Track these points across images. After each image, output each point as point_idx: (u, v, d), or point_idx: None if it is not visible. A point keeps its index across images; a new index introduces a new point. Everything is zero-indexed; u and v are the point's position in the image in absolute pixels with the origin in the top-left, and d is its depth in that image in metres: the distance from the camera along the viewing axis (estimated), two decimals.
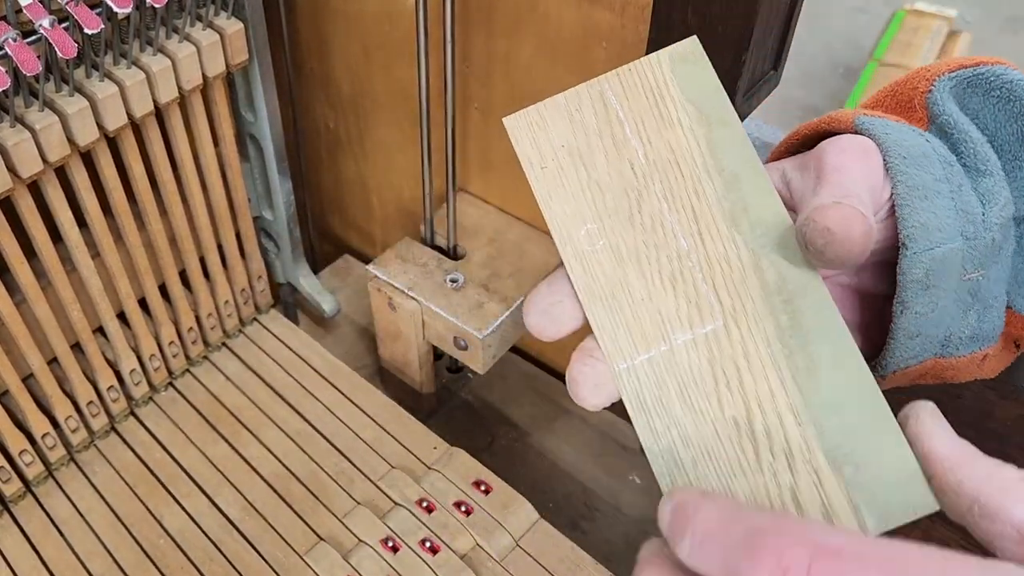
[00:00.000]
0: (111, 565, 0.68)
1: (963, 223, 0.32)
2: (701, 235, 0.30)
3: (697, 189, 0.31)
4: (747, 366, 0.29)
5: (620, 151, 0.31)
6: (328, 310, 0.87)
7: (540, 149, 0.32)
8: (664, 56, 0.32)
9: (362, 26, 0.79)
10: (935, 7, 2.23)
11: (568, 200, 0.31)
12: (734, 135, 0.31)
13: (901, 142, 0.32)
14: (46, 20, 0.53)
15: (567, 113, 0.32)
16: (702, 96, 0.31)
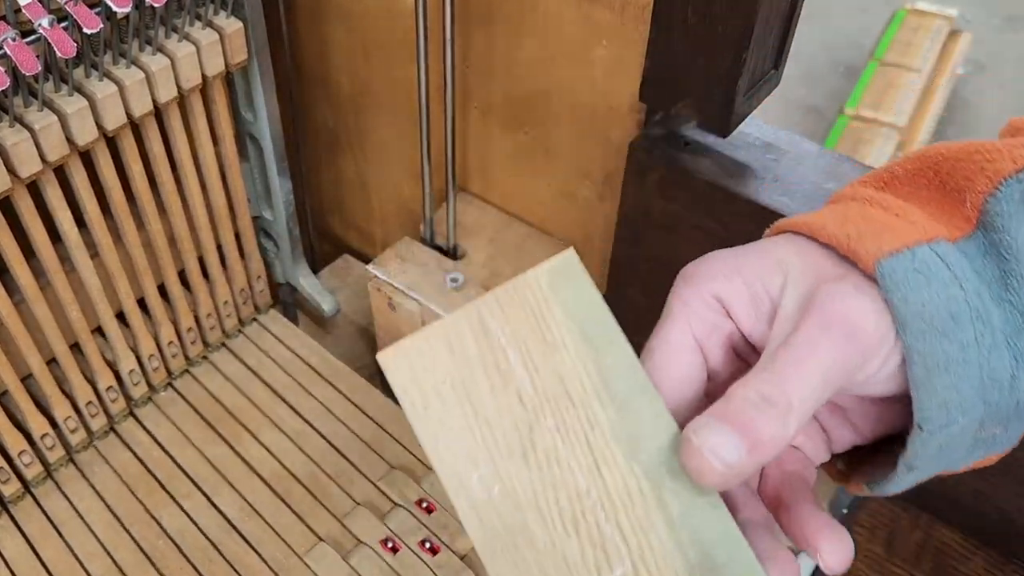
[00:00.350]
0: (110, 566, 0.67)
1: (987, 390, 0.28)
2: (599, 469, 0.28)
3: (590, 419, 0.28)
4: None
5: (507, 382, 0.29)
6: (328, 310, 0.87)
7: (421, 386, 0.29)
8: (542, 273, 0.29)
9: (362, 26, 0.78)
10: (936, 6, 2.23)
11: (457, 442, 0.28)
12: (623, 356, 0.29)
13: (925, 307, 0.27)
14: (45, 20, 0.53)
15: (447, 343, 0.29)
16: (586, 315, 0.29)
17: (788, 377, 0.27)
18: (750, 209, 0.59)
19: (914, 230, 0.29)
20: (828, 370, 0.27)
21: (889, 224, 0.29)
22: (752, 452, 0.27)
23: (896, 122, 1.95)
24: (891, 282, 0.27)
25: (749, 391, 0.27)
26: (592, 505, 0.28)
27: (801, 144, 0.63)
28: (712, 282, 0.30)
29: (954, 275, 0.28)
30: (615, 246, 0.70)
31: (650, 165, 0.62)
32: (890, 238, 0.28)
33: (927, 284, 0.28)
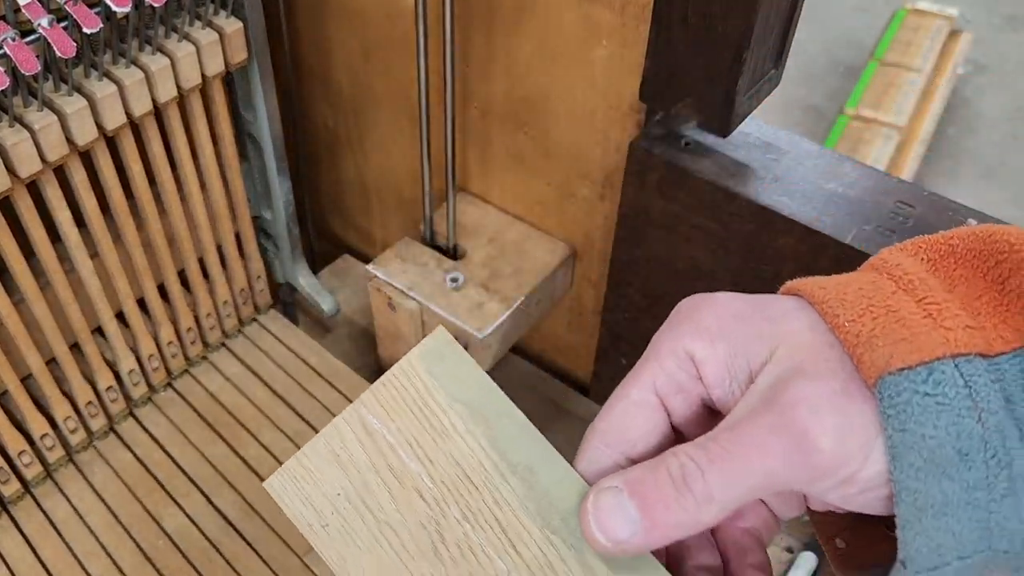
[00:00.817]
0: (110, 566, 0.67)
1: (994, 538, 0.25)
2: (515, 548, 0.27)
3: (496, 498, 0.27)
4: None
5: (402, 481, 0.28)
6: (327, 310, 0.87)
7: (315, 506, 0.28)
8: (415, 358, 0.29)
9: (362, 25, 0.78)
10: (936, 6, 2.23)
11: (364, 556, 0.27)
12: (514, 425, 0.28)
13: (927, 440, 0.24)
14: (45, 19, 0.53)
15: (332, 455, 0.28)
16: (469, 391, 0.28)
17: (719, 467, 0.25)
18: (750, 209, 0.59)
19: (942, 339, 0.25)
20: (765, 475, 0.25)
21: (915, 327, 0.25)
22: (649, 534, 0.25)
23: (896, 122, 1.95)
24: (890, 406, 0.24)
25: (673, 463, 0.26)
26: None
27: (801, 144, 0.63)
28: (694, 339, 0.28)
29: (975, 404, 0.24)
30: (615, 246, 0.70)
31: (650, 165, 0.62)
32: (906, 349, 0.24)
33: (936, 413, 0.24)
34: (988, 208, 0.56)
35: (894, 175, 0.63)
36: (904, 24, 2.21)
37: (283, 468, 0.28)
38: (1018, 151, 2.12)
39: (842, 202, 0.58)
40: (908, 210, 0.58)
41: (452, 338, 0.29)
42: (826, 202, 0.58)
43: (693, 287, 0.67)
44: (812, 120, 2.18)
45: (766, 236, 0.59)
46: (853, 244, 0.55)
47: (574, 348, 0.86)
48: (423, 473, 0.28)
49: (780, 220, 0.58)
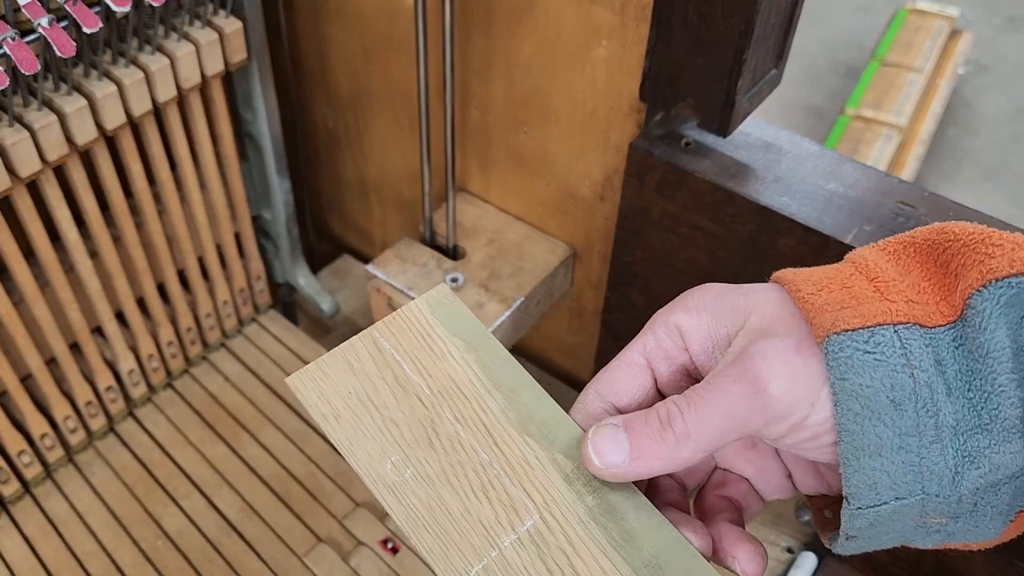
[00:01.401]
0: (109, 566, 0.67)
1: (925, 480, 0.29)
2: (497, 445, 0.33)
3: (483, 407, 0.34)
4: (573, 551, 0.31)
5: (405, 388, 0.34)
6: (327, 310, 0.87)
7: (329, 401, 0.33)
8: (422, 303, 0.36)
9: (361, 25, 0.78)
10: (937, 6, 2.23)
11: (368, 442, 0.33)
12: (501, 356, 0.35)
13: (864, 388, 0.28)
14: (45, 19, 0.53)
15: (347, 364, 0.34)
16: (465, 330, 0.35)
17: (694, 410, 0.30)
18: (750, 209, 0.59)
19: (884, 309, 0.29)
20: (728, 416, 0.30)
21: (863, 298, 0.30)
22: (635, 462, 0.31)
23: (897, 122, 1.95)
24: (833, 359, 0.28)
25: (662, 409, 0.31)
26: (497, 474, 0.33)
27: (802, 144, 0.63)
28: (684, 314, 0.33)
29: (908, 362, 0.28)
30: (615, 246, 0.70)
31: (650, 165, 0.62)
32: (851, 314, 0.29)
33: (874, 367, 0.28)
34: (988, 208, 0.56)
35: (894, 175, 0.62)
36: (905, 24, 2.21)
37: (303, 369, 0.34)
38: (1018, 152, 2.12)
39: (843, 202, 0.58)
40: (908, 210, 0.58)
41: (451, 293, 0.36)
42: (827, 202, 0.58)
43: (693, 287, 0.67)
44: (813, 120, 2.18)
45: (767, 236, 0.59)
46: (854, 244, 0.55)
47: (574, 348, 0.86)
48: (423, 384, 0.34)
49: (781, 220, 0.58)
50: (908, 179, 1.83)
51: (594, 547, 0.31)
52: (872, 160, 1.87)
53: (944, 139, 2.13)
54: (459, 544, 0.31)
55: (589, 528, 0.32)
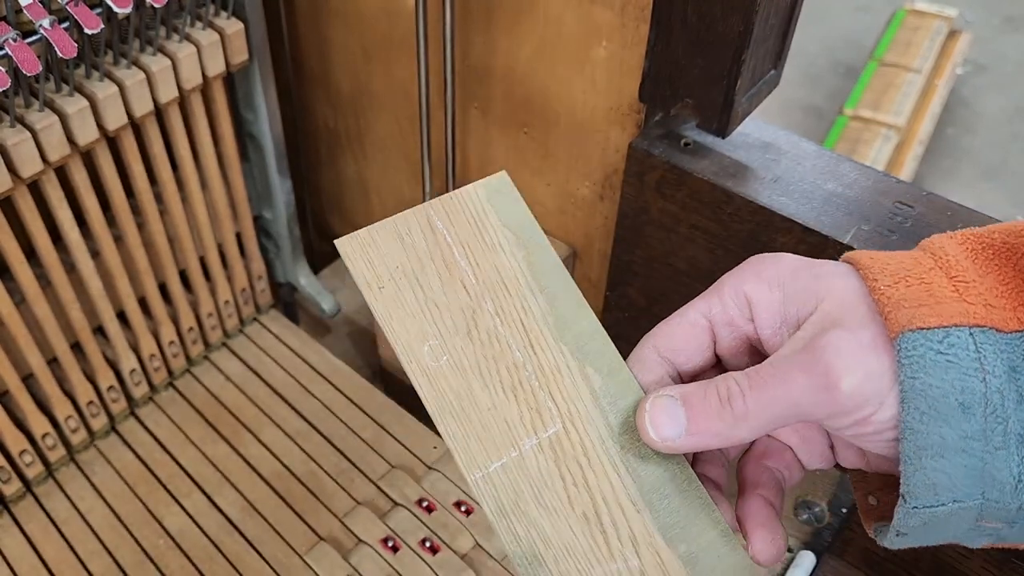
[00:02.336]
0: (111, 565, 0.68)
1: (986, 486, 0.28)
2: (533, 347, 0.33)
3: (524, 306, 0.34)
4: (588, 463, 0.32)
5: (452, 273, 0.34)
6: (328, 310, 0.87)
7: (375, 270, 0.33)
8: (480, 188, 0.35)
9: (362, 26, 0.79)
10: (935, 7, 2.23)
11: (408, 319, 0.33)
12: (550, 258, 0.34)
13: (934, 389, 0.28)
14: (46, 20, 0.53)
15: (398, 236, 0.33)
16: (518, 224, 0.35)
17: (757, 392, 0.30)
18: (749, 209, 0.59)
19: (961, 310, 0.29)
20: (791, 404, 0.29)
21: (941, 297, 0.29)
22: (690, 437, 0.31)
23: (895, 122, 1.95)
24: (905, 357, 0.28)
25: (722, 385, 0.31)
26: (528, 376, 0.33)
27: (800, 144, 0.63)
28: (756, 285, 0.33)
29: (981, 366, 0.28)
30: (614, 246, 0.70)
31: (650, 165, 0.62)
32: (928, 313, 0.29)
33: (945, 368, 0.28)
34: (987, 208, 0.56)
35: (893, 175, 0.63)
36: (903, 24, 2.21)
37: (354, 234, 0.33)
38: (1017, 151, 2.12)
39: (841, 202, 0.58)
40: (907, 210, 0.58)
41: (510, 181, 0.35)
42: (825, 202, 0.58)
43: (693, 287, 0.67)
44: (811, 120, 2.18)
45: (765, 236, 0.59)
46: (852, 244, 0.55)
47: None
48: (469, 272, 0.34)
49: (779, 220, 0.58)
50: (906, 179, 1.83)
51: (608, 464, 0.32)
52: (871, 160, 1.87)
53: (943, 139, 2.13)
54: (482, 437, 0.32)
55: (607, 445, 0.32)
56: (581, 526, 0.32)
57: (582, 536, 0.32)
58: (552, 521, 0.32)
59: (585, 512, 0.32)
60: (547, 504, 0.32)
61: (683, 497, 0.32)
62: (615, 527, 0.32)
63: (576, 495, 0.32)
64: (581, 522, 0.32)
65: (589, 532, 0.32)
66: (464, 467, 0.32)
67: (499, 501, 0.31)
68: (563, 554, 0.31)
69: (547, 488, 0.32)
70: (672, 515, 0.32)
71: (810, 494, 0.68)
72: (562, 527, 0.32)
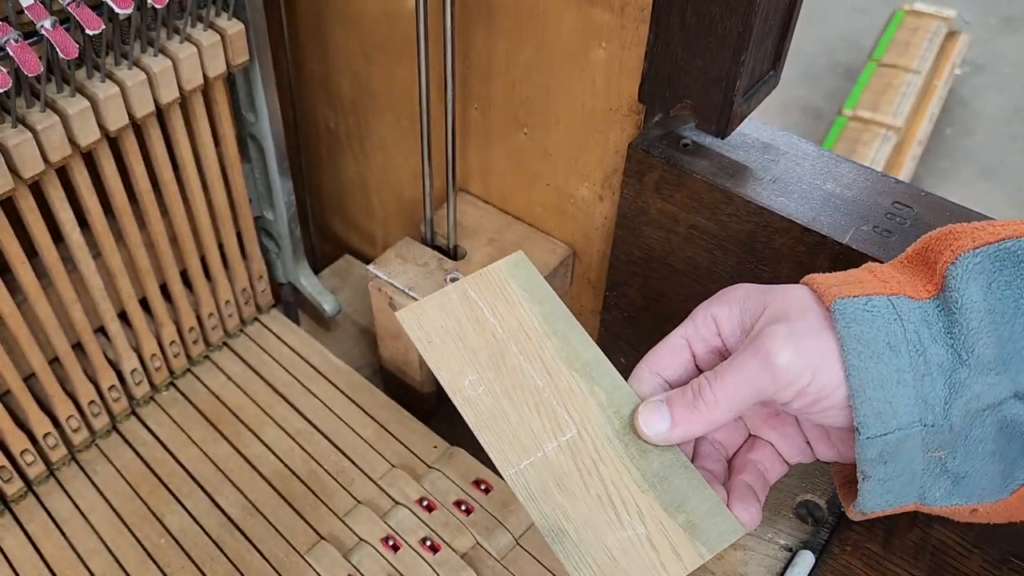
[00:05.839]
0: (112, 564, 0.68)
1: (922, 411, 0.35)
2: (550, 375, 0.43)
3: (541, 345, 0.44)
4: (599, 458, 0.40)
5: (483, 326, 0.44)
6: (329, 310, 0.87)
7: (426, 330, 0.44)
8: (503, 264, 0.46)
9: (362, 27, 0.79)
10: (934, 7, 2.24)
11: (452, 363, 0.43)
12: (559, 308, 0.45)
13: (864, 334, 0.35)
14: (47, 21, 0.53)
15: (440, 306, 0.44)
16: (532, 286, 0.46)
17: (720, 382, 0.38)
18: (748, 209, 0.59)
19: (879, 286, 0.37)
20: (747, 386, 0.37)
21: (864, 281, 0.38)
22: (674, 429, 0.39)
23: (894, 123, 1.95)
24: (839, 315, 0.36)
25: (694, 383, 0.39)
26: (547, 396, 0.42)
27: (799, 145, 0.63)
28: (719, 307, 0.41)
29: (898, 316, 0.36)
30: (614, 246, 0.71)
31: (649, 166, 0.63)
32: (854, 288, 0.37)
33: (871, 320, 0.36)
34: (985, 208, 0.56)
35: (891, 175, 0.63)
36: (902, 25, 2.22)
37: (409, 306, 0.44)
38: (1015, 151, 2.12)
39: (840, 203, 0.58)
40: (905, 210, 0.58)
41: (526, 257, 0.47)
42: (824, 202, 0.58)
43: (691, 287, 0.67)
44: (810, 121, 2.19)
45: (764, 236, 0.60)
46: (851, 244, 0.56)
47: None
48: (497, 324, 0.44)
49: (778, 220, 0.58)
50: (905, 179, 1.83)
51: (615, 457, 0.41)
52: (869, 160, 1.88)
53: (941, 139, 2.13)
54: (513, 443, 0.41)
55: (613, 443, 0.41)
56: (596, 504, 0.39)
57: (597, 511, 0.39)
58: (572, 502, 0.39)
59: (599, 494, 0.40)
60: (567, 489, 0.40)
61: (680, 479, 0.40)
62: (624, 504, 0.39)
63: (591, 481, 0.40)
64: (595, 501, 0.39)
65: (602, 508, 0.39)
66: (500, 467, 0.40)
67: (529, 489, 0.40)
68: (582, 525, 0.39)
69: (567, 478, 0.40)
70: (672, 493, 0.40)
71: (810, 494, 0.68)
72: (580, 506, 0.39)
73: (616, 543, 0.38)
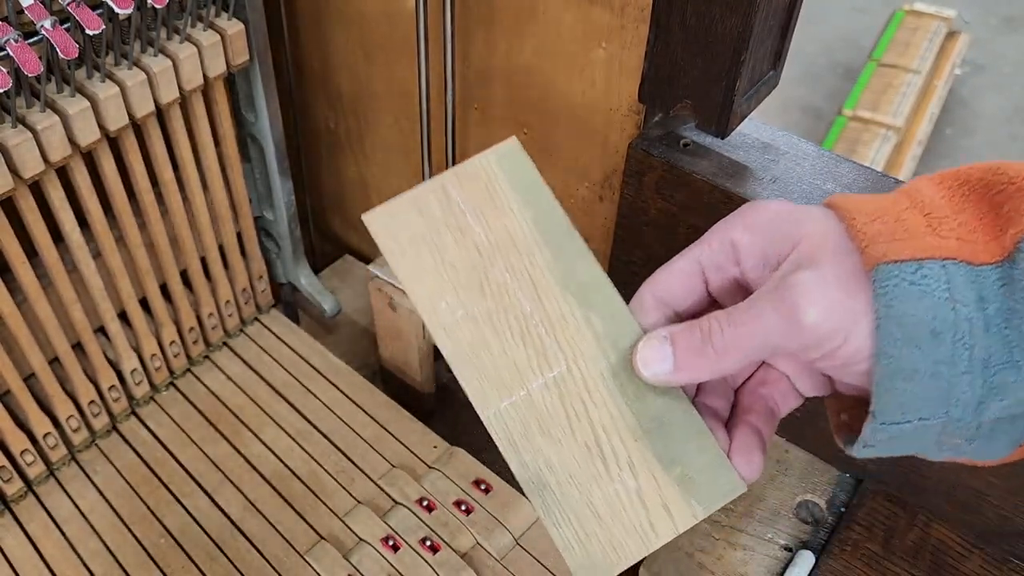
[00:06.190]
0: (112, 564, 0.68)
1: (950, 406, 0.31)
2: (540, 298, 0.36)
3: (532, 261, 0.37)
4: (590, 399, 0.35)
5: (465, 236, 0.37)
6: (329, 310, 0.87)
7: (397, 239, 0.36)
8: (491, 155, 0.37)
9: (362, 27, 0.79)
10: (934, 7, 2.24)
11: (427, 280, 0.36)
12: (556, 216, 0.37)
13: (905, 317, 0.30)
14: (47, 21, 0.53)
15: (415, 208, 0.37)
16: (526, 186, 0.37)
17: (734, 328, 0.33)
18: None
19: (934, 244, 0.30)
20: (764, 338, 0.32)
21: (915, 232, 0.31)
22: (677, 372, 0.34)
23: (894, 123, 1.95)
24: (880, 287, 0.30)
25: (704, 323, 0.33)
26: (535, 324, 0.36)
27: (799, 145, 0.63)
28: (741, 230, 0.35)
29: (952, 296, 0.30)
30: (614, 246, 0.71)
31: (649, 165, 0.63)
32: (902, 247, 0.30)
33: (919, 297, 0.30)
34: None
35: (891, 175, 0.63)
36: (902, 25, 2.22)
37: (377, 208, 0.36)
38: (1015, 151, 2.13)
39: None
40: None
41: (520, 146, 0.38)
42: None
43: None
44: (810, 120, 2.19)
45: None
46: None
47: None
48: (481, 234, 0.37)
49: None
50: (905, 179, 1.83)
51: (608, 399, 0.35)
52: (869, 160, 1.88)
53: (941, 139, 2.14)
54: (493, 380, 0.35)
55: (607, 382, 0.36)
56: (582, 453, 0.35)
57: (583, 462, 0.35)
58: (556, 450, 0.35)
59: (586, 441, 0.35)
60: (552, 435, 0.35)
61: (678, 426, 0.35)
62: (614, 454, 0.35)
63: (579, 427, 0.35)
64: (582, 450, 0.35)
65: (590, 458, 0.35)
66: (478, 407, 0.35)
67: (509, 434, 0.35)
68: (566, 478, 0.35)
69: (552, 422, 0.35)
70: (667, 442, 0.35)
71: (810, 494, 0.68)
72: (565, 455, 0.35)
73: (602, 498, 0.35)
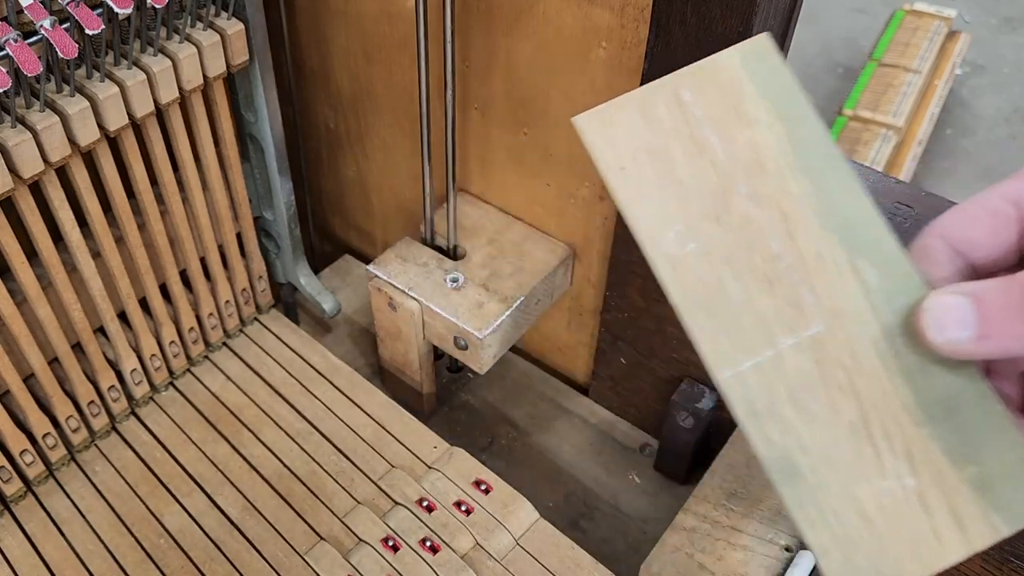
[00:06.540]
0: (112, 564, 0.68)
1: None
2: (793, 235, 0.29)
3: (784, 188, 0.29)
4: (856, 368, 0.28)
5: (701, 150, 0.30)
6: (328, 310, 0.87)
7: (616, 150, 0.30)
8: (736, 53, 0.30)
9: (362, 26, 0.79)
10: (934, 7, 2.24)
11: (651, 203, 0.29)
12: (816, 132, 0.30)
13: None
14: (47, 21, 0.53)
15: (640, 112, 0.30)
16: (778, 93, 0.30)
17: None
18: None
19: None
20: None
21: None
22: (983, 341, 0.25)
23: (894, 123, 1.95)
24: None
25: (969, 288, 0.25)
26: (786, 267, 0.29)
27: None
28: None
29: None
30: (614, 246, 0.71)
31: None
32: None
33: None
34: None
35: (892, 175, 0.63)
36: (902, 25, 2.21)
37: (593, 110, 0.30)
38: (1015, 151, 2.13)
39: None
40: (906, 211, 0.58)
41: (772, 44, 0.31)
42: None
43: None
44: None
45: None
46: None
47: (573, 348, 0.86)
48: (720, 149, 0.30)
49: None
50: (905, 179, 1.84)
51: (881, 369, 0.28)
52: (870, 160, 1.88)
53: (941, 139, 2.13)
54: (733, 333, 0.29)
55: (880, 349, 0.28)
56: (846, 436, 0.28)
57: (847, 447, 0.28)
58: (811, 428, 0.28)
59: (852, 420, 0.28)
60: (806, 408, 0.28)
61: (974, 413, 0.27)
62: (888, 440, 0.28)
63: (842, 401, 0.28)
64: (846, 431, 0.28)
65: (856, 443, 0.28)
66: (711, 364, 0.29)
67: (751, 402, 0.28)
68: (822, 463, 0.28)
69: (807, 391, 0.28)
70: (960, 432, 0.27)
71: None
72: (823, 435, 0.28)
73: (871, 495, 0.27)
